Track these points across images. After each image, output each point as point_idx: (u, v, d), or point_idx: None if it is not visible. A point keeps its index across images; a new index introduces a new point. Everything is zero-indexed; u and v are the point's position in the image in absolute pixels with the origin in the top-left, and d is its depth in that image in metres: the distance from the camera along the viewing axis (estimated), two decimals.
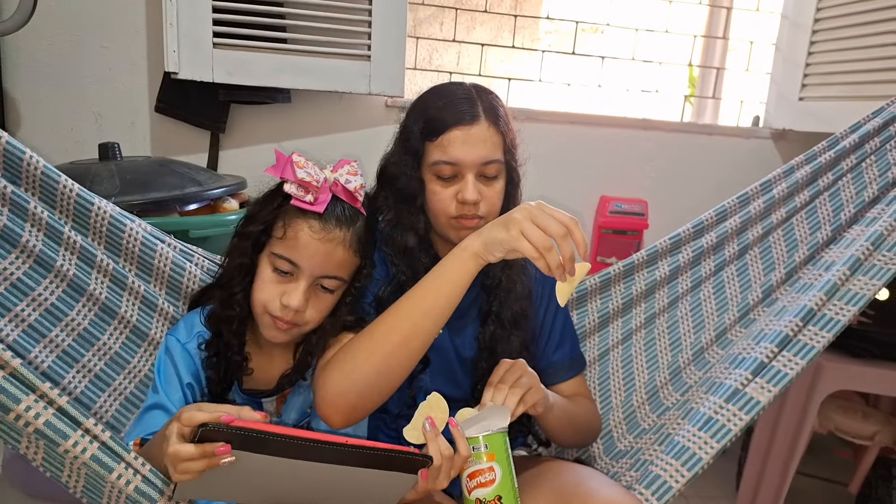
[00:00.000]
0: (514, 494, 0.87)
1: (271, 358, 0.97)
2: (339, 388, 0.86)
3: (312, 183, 0.85)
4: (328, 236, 0.86)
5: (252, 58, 1.74)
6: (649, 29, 2.27)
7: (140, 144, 1.91)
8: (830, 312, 0.99)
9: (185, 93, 1.82)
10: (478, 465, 0.86)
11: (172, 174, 1.49)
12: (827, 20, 1.92)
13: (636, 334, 1.34)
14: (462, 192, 0.96)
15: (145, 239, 1.06)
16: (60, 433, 0.74)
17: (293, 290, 0.86)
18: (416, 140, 0.99)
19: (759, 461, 1.67)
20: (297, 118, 1.97)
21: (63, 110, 1.86)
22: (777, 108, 2.14)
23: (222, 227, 1.46)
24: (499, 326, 1.05)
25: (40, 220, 0.97)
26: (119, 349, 1.04)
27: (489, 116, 0.97)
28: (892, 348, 1.54)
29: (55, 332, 0.97)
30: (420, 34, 2.37)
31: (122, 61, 1.86)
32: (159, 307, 1.08)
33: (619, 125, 2.13)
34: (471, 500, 0.87)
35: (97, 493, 0.82)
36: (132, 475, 0.78)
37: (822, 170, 1.26)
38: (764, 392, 0.95)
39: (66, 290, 0.99)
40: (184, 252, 1.13)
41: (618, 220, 2.06)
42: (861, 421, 1.63)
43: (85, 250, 1.01)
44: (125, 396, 1.04)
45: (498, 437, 0.87)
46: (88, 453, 0.75)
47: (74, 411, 0.76)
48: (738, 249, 1.30)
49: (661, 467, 0.94)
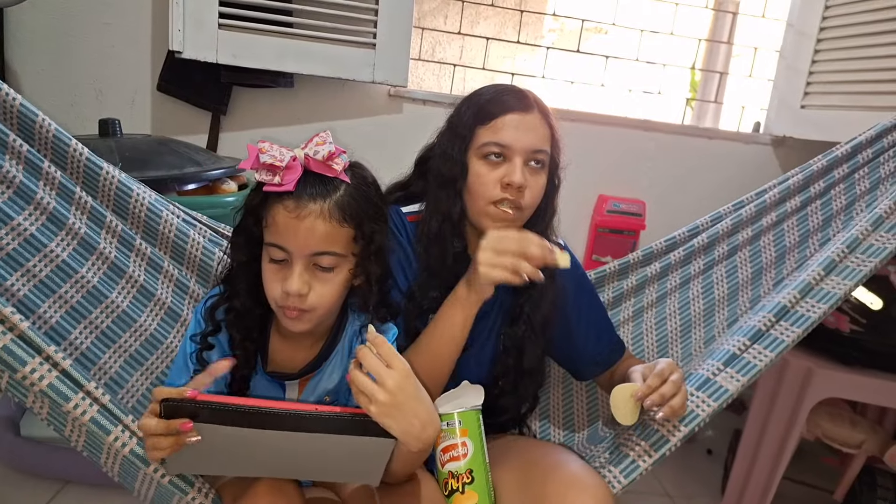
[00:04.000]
0: (485, 469, 0.92)
1: (295, 346, 0.96)
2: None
3: (276, 164, 0.82)
4: (304, 212, 0.83)
5: (257, 40, 1.73)
6: (654, 30, 2.27)
7: (140, 122, 1.90)
8: (802, 310, 1.03)
9: (187, 73, 1.81)
10: (451, 439, 0.91)
11: (172, 153, 1.48)
12: (832, 29, 1.92)
13: (623, 327, 1.37)
14: (509, 175, 0.96)
15: (151, 205, 1.09)
16: (62, 395, 0.78)
17: (290, 275, 0.85)
18: (466, 126, 1.00)
19: (746, 464, 1.68)
20: (298, 103, 1.96)
21: (64, 85, 1.85)
22: (778, 114, 2.14)
23: (220, 208, 1.46)
24: (529, 328, 1.06)
25: (53, 180, 0.99)
26: (126, 307, 1.06)
27: (541, 109, 1.00)
28: (882, 357, 1.55)
29: (64, 289, 0.99)
30: (425, 26, 2.36)
31: (126, 38, 1.85)
32: (164, 269, 1.12)
33: (621, 125, 2.13)
34: (444, 472, 0.92)
35: (97, 450, 0.86)
36: (128, 438, 0.81)
37: (836, 181, 1.28)
38: (732, 381, 0.99)
39: (77, 249, 1.02)
40: (187, 221, 1.16)
41: (615, 219, 2.06)
42: (849, 429, 1.64)
43: (95, 210, 1.04)
44: (130, 354, 1.06)
45: (472, 413, 0.93)
46: (88, 416, 0.79)
47: (77, 374, 0.79)
48: (727, 250, 1.33)
49: (629, 447, 0.97)
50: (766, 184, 1.33)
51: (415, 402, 0.77)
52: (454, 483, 0.90)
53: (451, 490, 0.90)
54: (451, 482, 0.90)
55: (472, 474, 0.90)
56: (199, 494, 0.86)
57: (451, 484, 0.90)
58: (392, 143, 1.98)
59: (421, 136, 1.10)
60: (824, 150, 1.29)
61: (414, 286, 1.02)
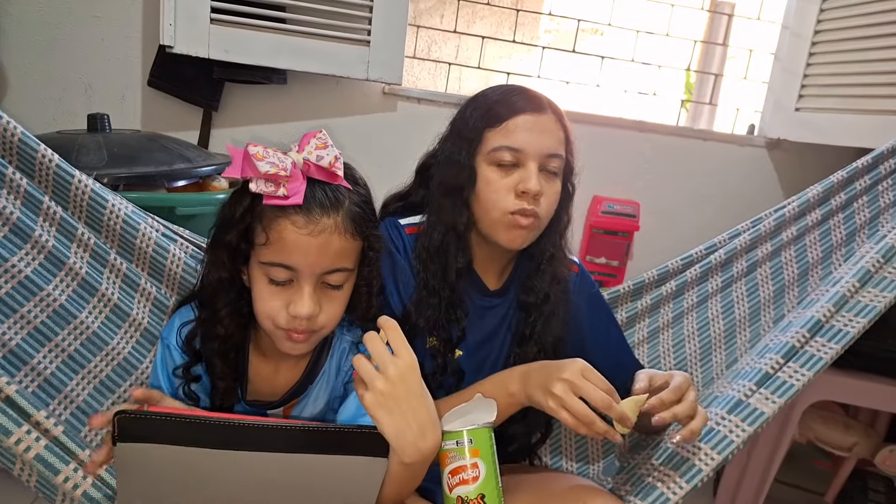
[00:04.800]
0: (497, 494, 0.81)
1: (277, 368, 0.89)
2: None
3: (280, 173, 0.73)
4: (317, 228, 0.75)
5: (249, 36, 1.71)
6: (650, 31, 2.26)
7: (130, 118, 1.87)
8: (839, 324, 0.96)
9: (179, 68, 1.78)
10: (461, 460, 0.80)
11: (162, 149, 1.46)
12: (827, 32, 1.92)
13: (639, 348, 1.31)
14: (524, 182, 0.89)
15: (127, 217, 0.99)
16: (2, 429, 0.67)
17: (299, 298, 0.76)
18: (472, 129, 0.92)
19: (738, 467, 1.68)
20: (291, 100, 1.94)
21: (52, 79, 1.82)
22: (773, 117, 2.14)
23: (210, 205, 1.43)
24: (540, 350, 0.98)
25: (18, 188, 0.89)
26: (98, 329, 0.95)
27: (554, 110, 0.94)
28: (876, 361, 1.55)
29: (27, 308, 0.88)
30: (420, 25, 2.35)
31: (116, 32, 1.82)
32: (141, 287, 1.02)
33: (616, 126, 2.12)
34: (452, 498, 0.81)
35: (50, 491, 0.75)
36: (82, 478, 0.70)
37: (858, 193, 1.24)
38: (768, 403, 0.91)
39: (44, 263, 0.91)
40: (167, 235, 1.07)
41: (609, 220, 2.05)
42: (841, 432, 1.64)
43: (65, 222, 0.95)
44: (100, 380, 0.95)
45: (484, 431, 0.82)
46: (32, 452, 0.68)
47: (24, 402, 0.69)
48: (746, 267, 1.27)
49: (657, 478, 0.89)
50: (761, 186, 1.32)
51: (416, 399, 0.70)
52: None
53: None
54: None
55: (483, 500, 0.79)
56: None
57: None
58: (386, 141, 1.96)
59: (415, 134, 1.07)
60: (819, 153, 1.28)
61: (410, 305, 0.93)
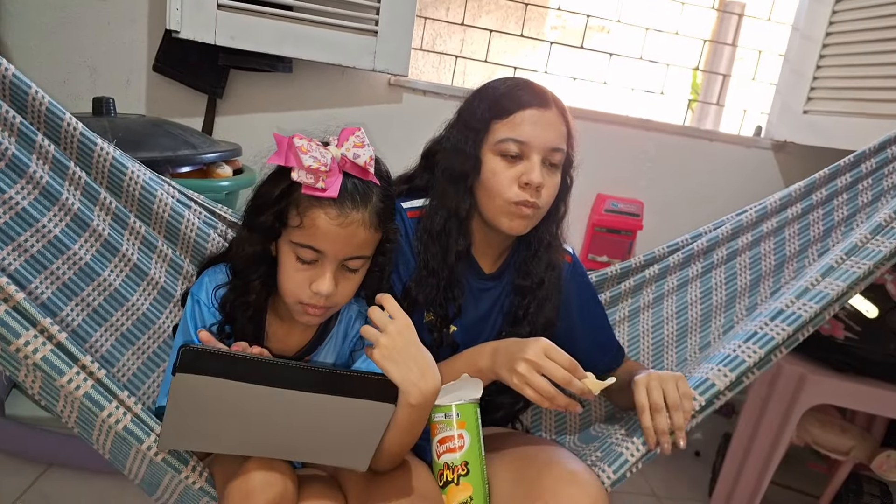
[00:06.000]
0: (480, 462, 0.92)
1: (290, 329, 0.98)
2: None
3: (321, 168, 0.82)
4: (346, 220, 0.84)
5: (256, 23, 1.70)
6: (658, 29, 2.25)
7: (135, 103, 1.87)
8: (794, 307, 1.01)
9: (184, 53, 1.78)
10: (448, 431, 0.91)
11: (166, 135, 1.45)
12: (838, 34, 1.91)
13: (619, 327, 1.35)
14: (528, 174, 0.94)
15: (146, 183, 1.06)
16: (57, 369, 0.76)
17: (321, 277, 0.86)
18: (480, 119, 0.97)
19: (735, 467, 1.68)
20: (296, 89, 1.93)
21: (57, 61, 1.82)
22: (780, 119, 2.13)
23: (214, 192, 1.44)
24: (532, 330, 1.04)
25: (46, 154, 0.96)
26: (119, 286, 1.04)
27: (558, 106, 0.99)
28: (874, 365, 1.55)
29: (56, 265, 0.97)
30: (427, 16, 2.33)
31: (122, 16, 1.82)
32: (158, 249, 1.09)
33: (622, 124, 2.12)
34: (439, 463, 0.92)
35: (89, 426, 0.84)
36: (122, 414, 0.80)
37: (838, 191, 1.25)
38: (720, 376, 0.97)
39: (70, 224, 0.99)
40: (181, 202, 1.13)
41: (612, 218, 2.05)
42: (838, 435, 1.64)
43: (89, 186, 1.02)
44: (121, 332, 1.04)
45: (470, 406, 0.92)
46: (82, 391, 0.78)
47: (73, 347, 0.78)
48: (726, 254, 1.32)
49: (623, 446, 0.96)
50: (765, 188, 1.32)
51: (414, 348, 0.82)
52: (449, 474, 0.91)
53: (446, 481, 0.91)
54: (446, 473, 0.91)
55: (467, 466, 0.90)
56: (192, 473, 0.85)
57: (446, 475, 0.91)
58: (391, 133, 1.95)
59: (420, 126, 1.09)
60: (825, 157, 1.28)
61: (410, 283, 1.00)
